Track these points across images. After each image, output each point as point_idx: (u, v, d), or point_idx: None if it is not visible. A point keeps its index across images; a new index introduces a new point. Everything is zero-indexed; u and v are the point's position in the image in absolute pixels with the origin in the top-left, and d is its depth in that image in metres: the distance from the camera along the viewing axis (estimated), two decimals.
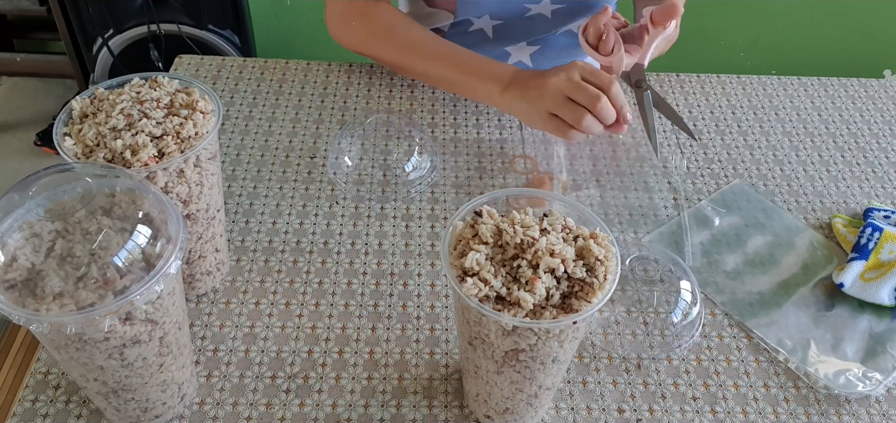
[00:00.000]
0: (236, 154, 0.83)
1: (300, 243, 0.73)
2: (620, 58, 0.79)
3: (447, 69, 0.84)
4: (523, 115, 0.79)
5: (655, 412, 0.61)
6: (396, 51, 0.87)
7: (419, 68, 0.87)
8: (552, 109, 0.74)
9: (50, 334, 0.45)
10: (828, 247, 0.75)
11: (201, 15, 1.79)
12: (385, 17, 0.87)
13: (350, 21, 0.88)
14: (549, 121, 0.75)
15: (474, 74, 0.82)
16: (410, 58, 0.86)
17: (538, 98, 0.75)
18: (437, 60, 0.84)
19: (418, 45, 0.86)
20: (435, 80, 0.89)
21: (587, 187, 0.81)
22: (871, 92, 0.98)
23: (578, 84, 0.73)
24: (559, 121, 0.75)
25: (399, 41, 0.87)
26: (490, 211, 0.51)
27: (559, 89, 0.73)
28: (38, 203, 0.47)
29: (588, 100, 0.72)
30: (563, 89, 0.73)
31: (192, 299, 0.67)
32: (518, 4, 0.90)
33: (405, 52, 0.87)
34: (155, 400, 0.55)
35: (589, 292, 0.47)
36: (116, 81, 0.60)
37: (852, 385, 0.62)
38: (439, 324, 0.66)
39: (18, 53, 2.10)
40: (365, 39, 0.88)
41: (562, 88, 0.73)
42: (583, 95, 0.72)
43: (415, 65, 0.87)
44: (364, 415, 0.59)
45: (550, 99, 0.74)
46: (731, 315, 0.68)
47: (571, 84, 0.73)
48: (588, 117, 0.73)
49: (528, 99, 0.76)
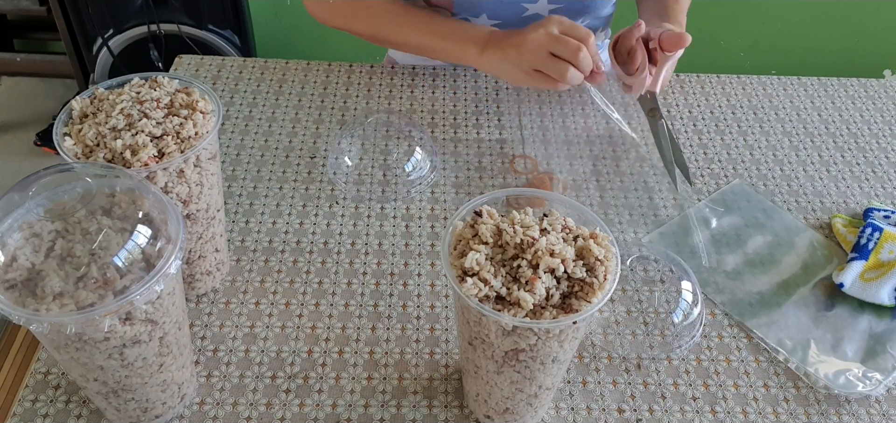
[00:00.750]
0: (236, 154, 0.83)
1: (300, 243, 0.73)
2: (643, 80, 0.80)
3: (423, 36, 0.85)
4: (506, 74, 0.80)
5: (655, 412, 0.61)
6: (372, 21, 0.87)
7: (395, 38, 0.88)
8: (536, 65, 0.75)
9: (50, 334, 0.45)
10: (828, 247, 0.75)
11: (201, 15, 1.79)
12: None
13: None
14: (534, 77, 0.77)
15: (450, 38, 0.83)
16: (386, 28, 0.87)
17: (519, 56, 0.76)
18: (412, 29, 0.85)
19: (392, 14, 0.86)
20: (413, 48, 0.89)
21: (587, 187, 0.81)
22: (871, 92, 0.98)
23: (559, 38, 0.74)
24: (543, 76, 0.76)
25: (373, 12, 0.87)
26: (490, 211, 0.51)
27: (541, 45, 0.75)
28: (38, 203, 0.47)
29: (570, 53, 0.74)
30: (545, 45, 0.75)
31: (192, 299, 0.67)
32: (516, 4, 0.90)
33: (380, 22, 0.87)
34: (155, 400, 0.55)
35: (589, 292, 0.47)
36: (116, 81, 0.60)
37: (852, 385, 0.62)
38: (439, 324, 0.66)
39: (18, 53, 2.10)
40: (339, 8, 0.88)
41: (543, 43, 0.75)
42: (565, 48, 0.74)
43: (390, 35, 0.88)
44: (364, 415, 0.59)
45: (533, 55, 0.75)
46: (731, 315, 0.68)
47: (552, 38, 0.74)
48: (571, 70, 0.74)
49: (508, 58, 0.77)
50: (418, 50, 0.90)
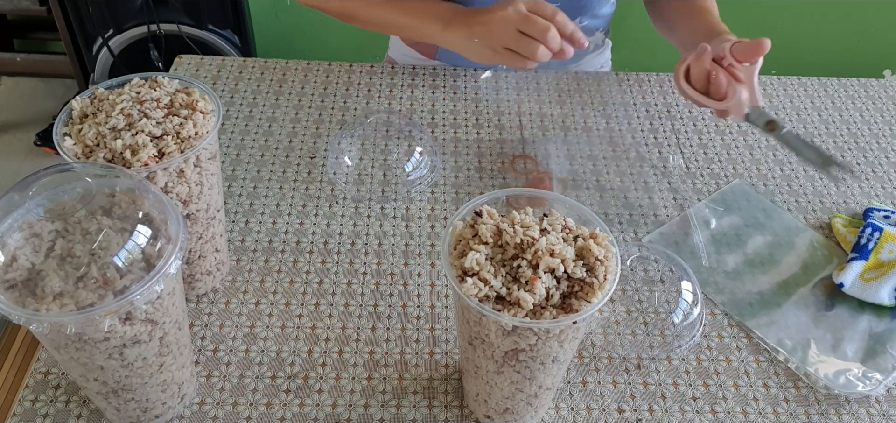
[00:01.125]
0: (236, 154, 0.83)
1: (300, 243, 0.73)
2: (740, 101, 0.73)
3: (390, 13, 0.85)
4: (472, 53, 0.79)
5: (655, 412, 0.61)
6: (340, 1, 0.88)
7: (364, 15, 0.88)
8: (506, 43, 0.74)
9: (50, 334, 0.45)
10: (828, 247, 0.75)
11: (201, 15, 1.79)
12: None
13: None
14: (503, 55, 0.75)
15: (416, 15, 0.83)
16: (356, 4, 0.87)
17: (487, 33, 0.75)
18: (382, 6, 0.85)
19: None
20: (383, 26, 0.89)
21: (587, 187, 0.81)
22: (871, 92, 0.98)
23: (527, 17, 0.73)
24: (513, 54, 0.75)
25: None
26: (490, 211, 0.51)
27: (510, 22, 0.74)
28: (38, 203, 0.47)
29: (539, 31, 0.72)
30: (515, 22, 0.73)
31: (192, 299, 0.67)
32: None
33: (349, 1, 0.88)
34: (155, 400, 0.55)
35: (589, 292, 0.47)
36: (116, 81, 0.60)
37: (852, 385, 0.62)
38: (439, 324, 0.66)
39: (18, 53, 2.10)
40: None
41: (513, 20, 0.73)
42: (533, 27, 0.73)
43: (360, 12, 0.88)
44: (364, 415, 0.59)
45: (502, 33, 0.74)
46: (731, 315, 0.68)
47: (521, 17, 0.73)
48: (541, 48, 0.73)
49: (477, 35, 0.77)
50: (388, 28, 0.90)
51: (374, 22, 0.89)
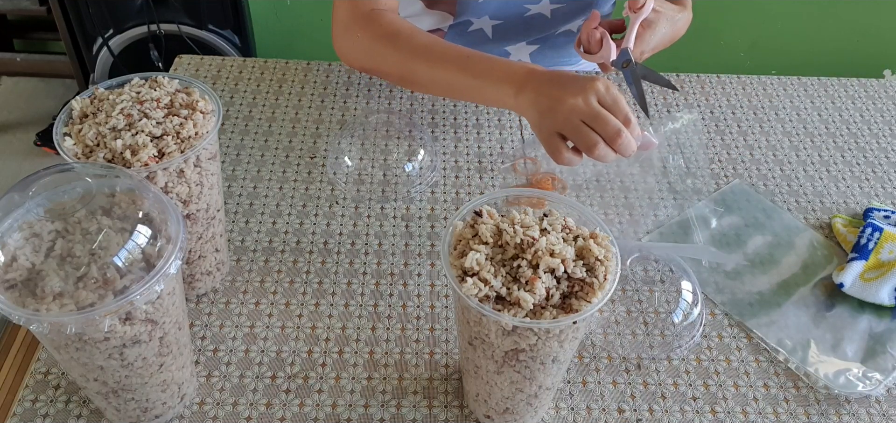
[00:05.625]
0: (236, 154, 0.83)
1: (300, 243, 0.73)
2: (609, 51, 0.77)
3: (454, 74, 0.76)
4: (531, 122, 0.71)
5: (655, 412, 0.61)
6: (401, 58, 0.80)
7: (425, 76, 0.80)
8: (561, 129, 0.66)
9: (50, 334, 0.45)
10: (828, 247, 0.75)
11: (201, 15, 1.79)
12: (389, 25, 0.81)
13: (353, 30, 0.83)
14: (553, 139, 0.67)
15: (485, 76, 0.74)
16: (416, 64, 0.79)
17: (550, 111, 0.67)
18: (445, 66, 0.77)
19: (424, 50, 0.79)
20: (443, 88, 0.82)
21: (587, 187, 0.81)
22: (871, 92, 0.98)
23: (598, 114, 0.65)
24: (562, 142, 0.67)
25: (404, 48, 0.80)
26: (490, 211, 0.51)
27: (577, 113, 0.65)
28: (38, 203, 0.47)
29: (610, 134, 0.64)
30: (583, 115, 0.65)
31: (192, 299, 0.67)
32: (518, 4, 0.90)
33: (411, 59, 0.80)
34: (155, 400, 0.55)
35: (589, 292, 0.47)
36: (116, 81, 0.60)
37: (852, 385, 0.62)
38: (439, 324, 0.66)
39: (18, 53, 2.10)
40: (368, 47, 0.82)
41: (580, 112, 0.65)
42: (604, 127, 0.65)
43: (421, 72, 0.80)
44: (364, 415, 0.59)
45: (564, 120, 0.66)
46: (731, 315, 0.68)
47: (592, 113, 0.65)
48: (601, 147, 0.65)
49: (538, 107, 0.68)
50: (449, 90, 0.82)
51: (435, 83, 0.80)
